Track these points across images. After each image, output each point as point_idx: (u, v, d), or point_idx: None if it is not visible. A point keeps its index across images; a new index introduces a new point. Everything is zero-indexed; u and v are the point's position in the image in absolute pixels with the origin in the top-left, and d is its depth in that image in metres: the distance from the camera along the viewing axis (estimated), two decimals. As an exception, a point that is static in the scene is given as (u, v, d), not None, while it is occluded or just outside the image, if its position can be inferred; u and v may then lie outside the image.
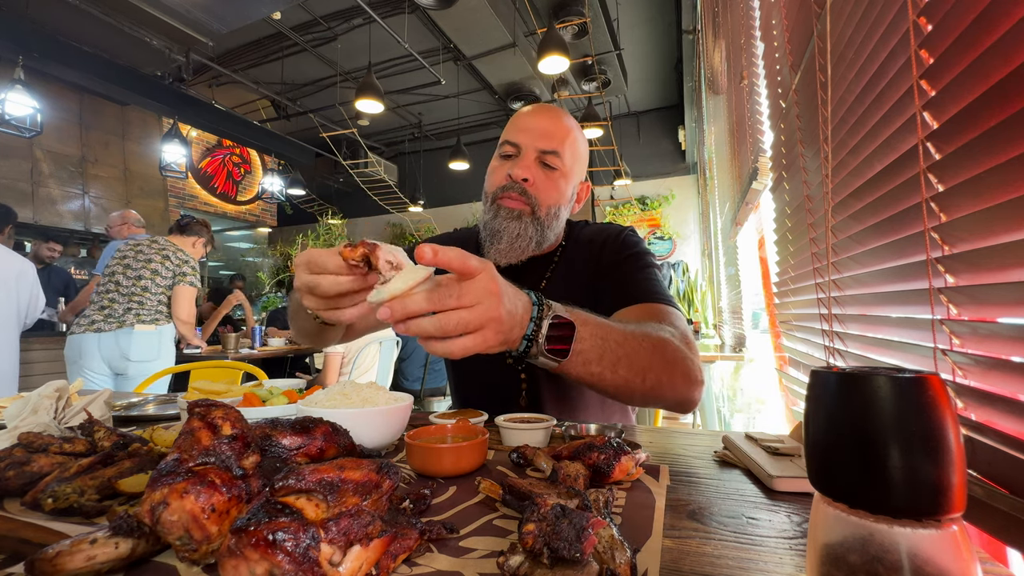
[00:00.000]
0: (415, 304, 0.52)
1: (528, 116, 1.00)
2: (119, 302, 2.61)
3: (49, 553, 0.33)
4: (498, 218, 0.96)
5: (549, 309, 0.61)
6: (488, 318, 0.53)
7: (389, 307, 0.52)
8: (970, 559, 0.24)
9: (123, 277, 2.62)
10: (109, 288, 2.62)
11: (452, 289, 0.52)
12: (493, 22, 4.31)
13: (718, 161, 3.24)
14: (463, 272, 0.53)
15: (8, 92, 3.87)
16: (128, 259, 2.66)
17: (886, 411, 0.25)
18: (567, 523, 0.34)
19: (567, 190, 1.00)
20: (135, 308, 2.61)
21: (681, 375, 0.75)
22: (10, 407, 0.76)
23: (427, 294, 0.52)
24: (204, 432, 0.44)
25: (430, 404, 3.71)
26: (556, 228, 1.00)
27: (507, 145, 0.99)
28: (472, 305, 0.52)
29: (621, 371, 0.68)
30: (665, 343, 0.74)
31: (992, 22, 0.42)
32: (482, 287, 0.53)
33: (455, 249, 0.52)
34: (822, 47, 0.84)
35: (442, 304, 0.52)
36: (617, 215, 6.87)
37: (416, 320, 0.52)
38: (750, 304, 2.67)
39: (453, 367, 1.13)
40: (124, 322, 2.58)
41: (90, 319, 2.58)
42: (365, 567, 0.34)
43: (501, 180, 0.97)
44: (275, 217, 8.51)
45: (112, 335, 2.56)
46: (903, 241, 0.60)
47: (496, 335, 0.54)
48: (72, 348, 2.61)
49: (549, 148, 0.96)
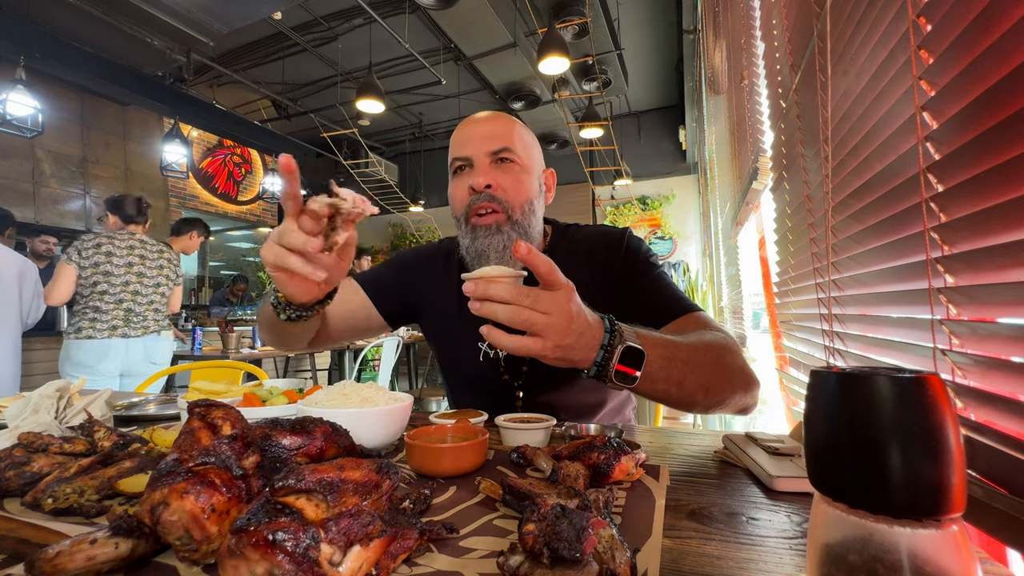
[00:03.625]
0: (497, 289, 0.57)
1: (467, 127, 0.99)
2: (136, 310, 2.71)
3: (49, 553, 0.33)
4: (478, 239, 0.93)
5: (620, 337, 0.63)
6: (553, 329, 0.58)
7: (475, 283, 0.58)
8: (970, 559, 0.24)
9: (140, 285, 2.72)
10: (124, 298, 2.69)
11: (533, 292, 0.58)
12: (494, 22, 4.31)
13: (718, 161, 3.24)
14: (547, 281, 0.59)
15: (9, 92, 3.88)
16: (136, 265, 2.73)
17: (886, 411, 0.25)
18: (567, 523, 0.34)
19: (532, 183, 0.97)
20: (151, 314, 2.77)
21: (741, 382, 0.76)
22: (11, 407, 0.76)
23: (509, 286, 0.57)
24: (204, 432, 0.44)
25: (429, 404, 3.72)
26: (536, 225, 0.98)
27: (457, 161, 0.97)
28: (544, 312, 0.57)
29: (687, 386, 0.70)
30: (723, 350, 0.76)
31: (991, 22, 0.42)
32: (558, 301, 0.58)
33: (546, 258, 0.58)
34: (822, 47, 0.84)
35: (519, 300, 0.57)
36: (618, 215, 6.87)
37: (491, 304, 0.57)
38: (750, 304, 2.67)
39: (449, 375, 1.12)
40: (148, 328, 2.73)
41: (110, 324, 2.64)
42: (365, 567, 0.34)
43: (465, 196, 0.95)
44: (276, 217, 8.50)
45: (140, 340, 2.70)
46: (903, 241, 0.60)
47: (555, 348, 0.59)
48: (91, 352, 2.63)
49: (498, 147, 0.94)
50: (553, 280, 0.58)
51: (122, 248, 2.71)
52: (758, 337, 2.55)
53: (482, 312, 0.58)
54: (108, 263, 2.67)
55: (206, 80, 5.82)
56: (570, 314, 0.59)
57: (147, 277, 2.75)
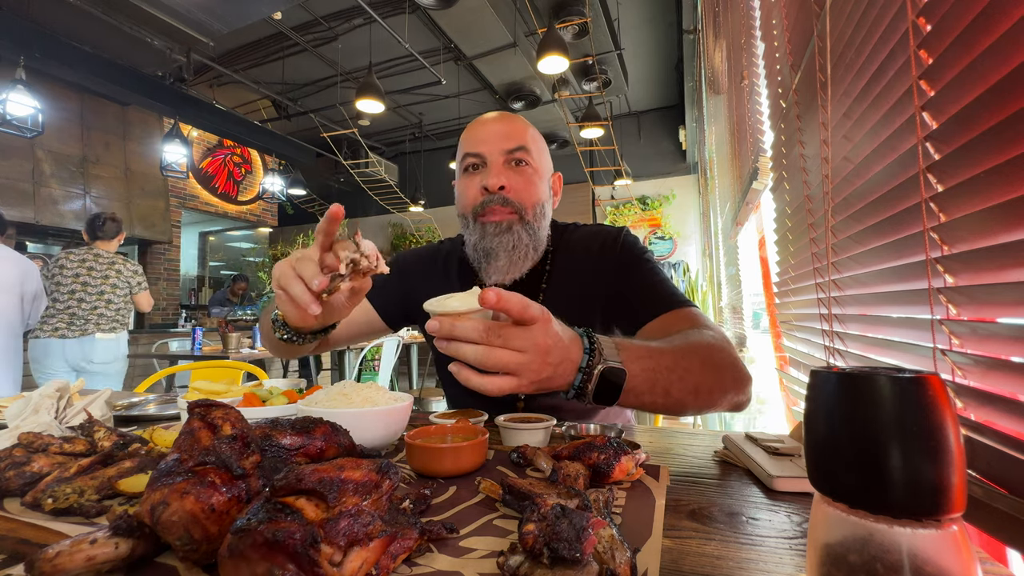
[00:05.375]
0: (463, 330, 0.53)
1: (482, 125, 0.97)
2: (79, 314, 3.06)
3: (49, 553, 0.33)
4: (487, 236, 0.92)
5: (600, 356, 0.60)
6: (528, 368, 0.54)
7: (439, 321, 0.54)
8: (970, 559, 0.24)
9: (84, 293, 3.08)
10: (70, 304, 3.05)
11: (503, 329, 0.53)
12: (494, 22, 4.31)
13: (718, 161, 3.24)
14: (521, 319, 0.54)
15: (10, 92, 3.88)
16: (82, 276, 3.10)
17: (886, 411, 0.25)
18: (567, 523, 0.34)
19: (543, 186, 0.97)
20: (94, 319, 3.10)
21: (732, 380, 0.74)
22: (11, 407, 0.76)
23: (477, 324, 0.53)
24: (204, 432, 0.44)
25: (429, 404, 3.72)
26: (545, 228, 0.98)
27: (470, 158, 0.95)
28: (518, 350, 0.53)
29: (674, 394, 0.67)
30: (711, 349, 0.74)
31: (991, 22, 0.42)
32: (532, 337, 0.54)
33: (517, 295, 0.53)
34: (822, 47, 0.84)
35: (488, 339, 0.53)
36: (618, 215, 6.87)
37: (458, 344, 0.53)
38: (750, 304, 2.67)
39: (446, 374, 1.11)
40: (86, 331, 3.07)
41: (53, 326, 3.01)
42: (365, 567, 0.34)
43: (477, 196, 0.93)
44: (276, 217, 8.51)
45: (76, 341, 3.04)
46: (903, 241, 0.60)
47: (531, 384, 0.55)
48: (36, 349, 3.01)
49: (513, 146, 0.93)
50: (527, 316, 0.53)
51: (74, 262, 3.09)
52: (758, 337, 2.55)
53: (448, 352, 0.54)
54: (60, 274, 3.05)
55: (206, 80, 5.82)
56: (546, 348, 0.55)
57: (91, 286, 3.09)
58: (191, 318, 5.77)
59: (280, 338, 0.79)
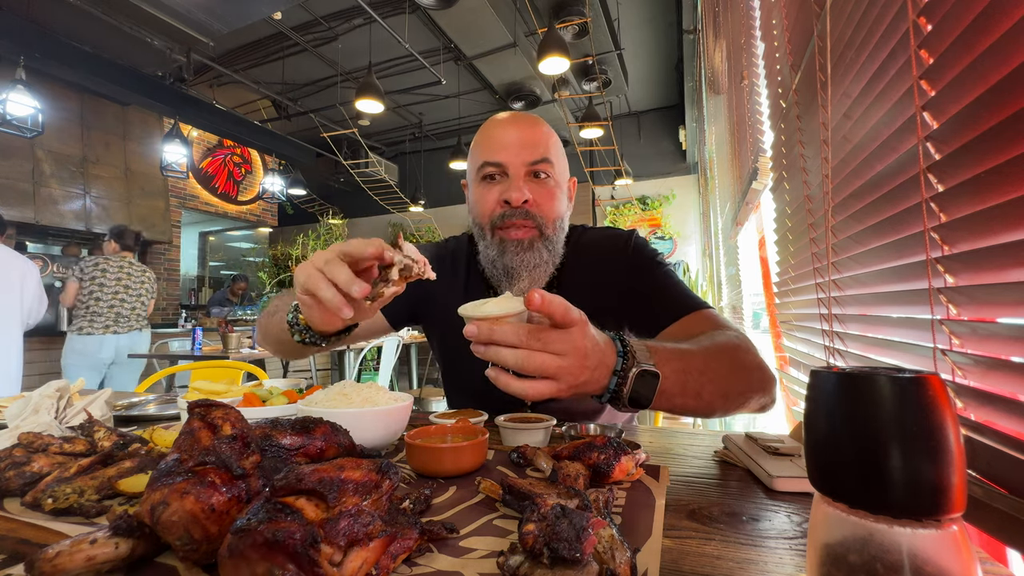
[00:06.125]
0: (503, 334, 0.52)
1: (502, 129, 0.92)
2: (123, 314, 3.69)
3: (49, 553, 0.33)
4: (507, 254, 0.89)
5: (633, 359, 0.59)
6: (568, 371, 0.53)
7: (477, 326, 0.53)
8: (970, 559, 0.24)
9: (126, 295, 3.71)
10: (114, 304, 3.65)
11: (542, 333, 0.53)
12: (494, 22, 4.31)
13: (718, 161, 3.24)
14: (564, 322, 0.53)
15: (9, 92, 3.88)
16: (124, 280, 3.70)
17: (886, 411, 0.25)
18: (567, 523, 0.34)
19: (563, 198, 0.95)
20: (135, 318, 3.76)
21: (759, 381, 0.73)
22: (11, 407, 0.76)
23: (517, 328, 0.53)
24: (204, 432, 0.44)
25: (429, 404, 3.71)
26: (562, 240, 0.96)
27: (489, 166, 0.90)
28: (558, 354, 0.53)
29: (705, 396, 0.66)
30: (737, 350, 0.73)
31: (991, 22, 0.42)
32: (572, 340, 0.53)
33: (559, 298, 0.52)
34: (822, 47, 0.84)
35: (529, 343, 0.52)
36: (618, 215, 6.86)
37: (497, 348, 0.53)
38: (750, 304, 2.67)
39: (448, 376, 1.11)
40: (132, 327, 3.74)
41: (104, 324, 3.60)
42: (365, 567, 0.34)
43: (496, 207, 0.90)
44: (276, 217, 8.51)
45: (127, 335, 3.71)
46: (903, 241, 0.60)
47: (570, 388, 0.55)
48: (89, 344, 3.53)
49: (538, 158, 0.89)
50: (568, 319, 0.53)
51: (114, 267, 3.67)
52: (758, 337, 2.54)
53: (487, 357, 0.53)
54: (103, 278, 3.61)
55: (206, 80, 5.82)
56: (585, 351, 0.54)
57: (131, 289, 3.74)
58: (191, 318, 5.76)
59: (299, 341, 0.77)
